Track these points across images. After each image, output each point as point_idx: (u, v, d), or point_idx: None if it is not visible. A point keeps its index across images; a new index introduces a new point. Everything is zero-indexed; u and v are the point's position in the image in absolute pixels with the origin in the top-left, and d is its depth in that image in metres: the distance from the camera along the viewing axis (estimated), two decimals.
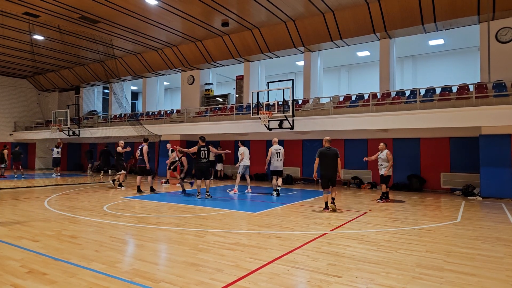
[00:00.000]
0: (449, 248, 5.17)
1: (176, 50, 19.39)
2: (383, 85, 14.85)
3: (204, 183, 10.47)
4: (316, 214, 8.05)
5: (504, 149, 10.97)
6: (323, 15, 14.58)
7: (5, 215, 7.55)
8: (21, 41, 18.43)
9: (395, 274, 4.03)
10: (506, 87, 11.74)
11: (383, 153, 9.86)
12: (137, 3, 13.78)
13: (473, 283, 3.77)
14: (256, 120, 14.94)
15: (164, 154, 19.27)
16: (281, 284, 3.70)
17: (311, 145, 16.29)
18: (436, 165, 13.31)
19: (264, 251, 4.93)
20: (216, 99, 20.45)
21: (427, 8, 12.79)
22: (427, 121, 11.80)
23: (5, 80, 25.90)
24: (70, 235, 5.78)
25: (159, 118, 20.53)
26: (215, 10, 14.27)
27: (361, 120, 13.02)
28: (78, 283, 3.70)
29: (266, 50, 17.00)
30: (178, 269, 4.15)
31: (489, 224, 6.99)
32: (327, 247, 5.17)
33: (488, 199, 10.83)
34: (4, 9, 14.30)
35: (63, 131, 21.73)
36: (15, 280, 3.79)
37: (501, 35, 12.46)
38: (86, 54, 20.52)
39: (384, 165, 9.88)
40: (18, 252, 4.81)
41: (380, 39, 14.95)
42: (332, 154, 8.16)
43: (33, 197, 10.48)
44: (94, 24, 16.03)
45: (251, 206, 9.39)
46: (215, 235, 5.86)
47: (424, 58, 18.17)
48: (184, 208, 8.66)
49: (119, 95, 20.74)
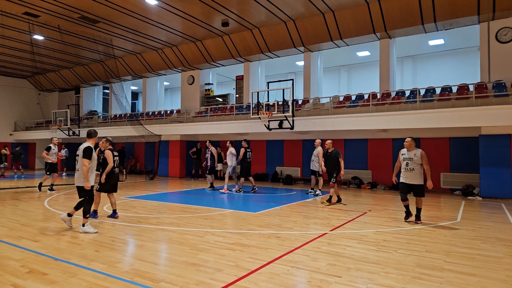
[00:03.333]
0: (448, 248, 5.17)
1: (176, 50, 19.39)
2: (383, 85, 14.85)
3: (249, 180, 11.95)
4: (316, 214, 8.06)
5: (504, 149, 10.97)
6: (323, 15, 14.58)
7: (5, 215, 7.56)
8: (21, 41, 18.43)
9: (395, 274, 4.04)
10: (506, 87, 11.73)
11: (413, 153, 6.90)
12: (137, 3, 13.78)
13: (472, 283, 3.78)
14: (256, 120, 14.94)
15: (165, 154, 19.33)
16: (281, 284, 3.71)
17: (311, 145, 16.28)
18: (436, 165, 13.29)
19: (264, 251, 4.94)
20: (216, 99, 20.45)
21: (427, 8, 12.79)
22: (427, 121, 11.80)
23: (5, 80, 25.91)
24: (70, 235, 5.79)
25: (159, 118, 20.53)
26: (215, 10, 14.27)
27: (361, 120, 13.01)
28: (78, 283, 3.71)
29: (266, 50, 17.00)
30: (178, 269, 4.16)
31: (489, 224, 6.99)
32: (327, 247, 5.17)
33: (488, 199, 10.83)
34: (4, 9, 14.30)
35: (63, 131, 21.73)
36: (15, 280, 3.79)
37: (501, 35, 12.46)
38: (86, 54, 20.52)
39: (417, 170, 6.84)
40: (18, 252, 4.81)
41: (380, 39, 14.95)
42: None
43: (33, 197, 10.49)
44: (94, 24, 16.03)
45: (251, 206, 9.39)
46: (215, 235, 5.87)
47: (424, 58, 18.17)
48: (184, 208, 8.66)
49: (119, 95, 20.75)
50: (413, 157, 6.94)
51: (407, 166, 7.00)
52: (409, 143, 7.06)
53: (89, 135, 6.33)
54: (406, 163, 7.02)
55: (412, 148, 7.04)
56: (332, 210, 8.66)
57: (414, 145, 7.06)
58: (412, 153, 6.98)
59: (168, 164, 19.17)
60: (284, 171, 16.83)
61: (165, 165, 19.19)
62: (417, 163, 6.89)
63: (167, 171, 19.18)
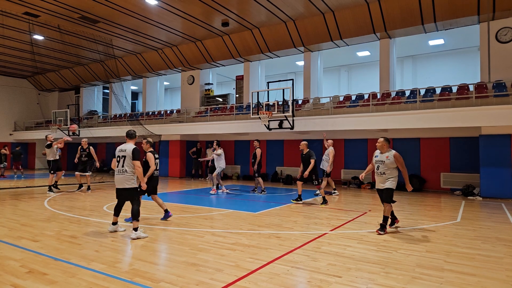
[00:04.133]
0: (449, 248, 5.17)
1: (176, 50, 19.39)
2: (383, 85, 14.85)
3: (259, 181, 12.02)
4: (316, 214, 8.06)
5: (504, 149, 10.97)
6: (323, 15, 14.58)
7: (5, 215, 7.55)
8: (21, 41, 18.43)
9: (395, 274, 4.03)
10: (506, 87, 11.73)
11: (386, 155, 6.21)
12: (137, 3, 13.78)
13: (473, 283, 3.77)
14: (256, 120, 14.94)
15: (165, 154, 19.32)
16: (281, 284, 3.70)
17: (311, 145, 16.26)
18: (436, 165, 13.30)
19: (264, 251, 4.93)
20: (216, 99, 20.45)
21: (427, 8, 12.79)
22: (427, 121, 11.80)
23: (5, 80, 25.90)
24: (70, 235, 5.78)
25: (159, 118, 20.52)
26: (215, 10, 14.27)
27: (361, 120, 13.01)
28: (78, 283, 3.70)
29: (266, 50, 17.00)
30: (178, 269, 4.15)
31: (489, 224, 6.99)
32: (327, 247, 5.17)
33: (488, 199, 10.83)
34: (4, 9, 14.30)
35: (63, 131, 21.73)
36: (15, 280, 3.79)
37: (501, 35, 12.46)
38: (86, 54, 20.51)
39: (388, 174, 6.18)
40: (18, 252, 4.81)
41: (380, 39, 14.94)
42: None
43: (33, 197, 10.48)
44: (94, 24, 16.02)
45: (251, 206, 9.39)
46: (215, 235, 5.86)
47: (424, 58, 18.17)
48: (184, 208, 8.66)
49: (119, 95, 20.74)
50: (385, 159, 6.13)
51: (378, 169, 6.22)
52: (381, 144, 6.27)
53: (131, 135, 6.06)
54: (377, 166, 6.23)
55: (385, 150, 6.24)
56: (332, 210, 8.66)
57: (386, 146, 6.26)
58: (385, 156, 6.17)
59: (168, 164, 19.17)
60: (284, 171, 16.82)
61: (165, 165, 19.19)
62: (390, 167, 6.10)
63: (167, 171, 19.18)
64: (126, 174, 5.79)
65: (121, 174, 5.79)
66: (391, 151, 6.19)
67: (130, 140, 6.02)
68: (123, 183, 5.80)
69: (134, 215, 5.70)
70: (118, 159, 5.85)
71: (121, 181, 5.80)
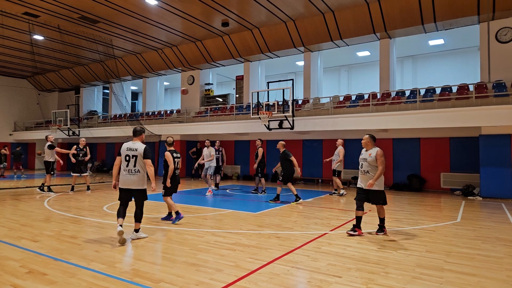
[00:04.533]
0: (449, 248, 5.17)
1: (176, 50, 19.39)
2: (383, 85, 14.85)
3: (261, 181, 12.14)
4: (316, 214, 8.06)
5: (504, 149, 10.97)
6: (323, 15, 14.58)
7: (5, 215, 7.55)
8: (21, 41, 18.43)
9: (395, 274, 4.03)
10: (506, 87, 11.73)
11: (369, 153, 5.97)
12: (137, 3, 13.78)
13: (473, 283, 3.77)
14: (256, 120, 14.94)
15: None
16: (281, 284, 3.70)
17: (311, 145, 16.30)
18: (436, 165, 13.30)
19: (264, 251, 4.93)
20: (216, 99, 20.45)
21: (427, 8, 12.79)
22: (427, 121, 11.80)
23: (5, 80, 25.90)
24: (70, 235, 5.78)
25: (159, 118, 20.53)
26: (215, 10, 14.27)
27: (361, 120, 13.02)
28: (78, 283, 3.70)
29: (266, 50, 17.00)
30: (178, 269, 4.15)
31: (489, 224, 6.99)
32: (327, 247, 5.17)
33: (488, 199, 10.83)
34: (4, 9, 14.30)
35: (63, 131, 21.73)
36: (15, 280, 3.78)
37: (501, 35, 12.46)
38: (86, 54, 20.51)
39: (372, 173, 5.88)
40: (18, 252, 4.80)
41: (380, 39, 14.95)
42: None
43: (33, 197, 10.48)
44: (94, 24, 16.02)
45: (251, 206, 9.39)
46: (215, 235, 5.86)
47: (424, 58, 18.17)
48: (184, 208, 8.65)
49: (119, 95, 20.75)
50: (367, 157, 5.87)
51: (361, 168, 5.96)
52: (365, 141, 5.99)
53: (139, 132, 5.68)
54: (361, 165, 5.98)
55: (370, 147, 5.96)
56: (332, 210, 8.67)
57: (371, 144, 5.96)
58: (368, 153, 5.93)
59: None
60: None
61: None
62: (372, 165, 5.81)
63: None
64: (139, 174, 5.49)
65: (134, 175, 5.47)
66: (375, 148, 5.92)
67: (137, 138, 5.67)
68: (137, 184, 5.50)
69: (138, 217, 5.57)
70: (127, 159, 5.48)
71: (133, 182, 5.48)
